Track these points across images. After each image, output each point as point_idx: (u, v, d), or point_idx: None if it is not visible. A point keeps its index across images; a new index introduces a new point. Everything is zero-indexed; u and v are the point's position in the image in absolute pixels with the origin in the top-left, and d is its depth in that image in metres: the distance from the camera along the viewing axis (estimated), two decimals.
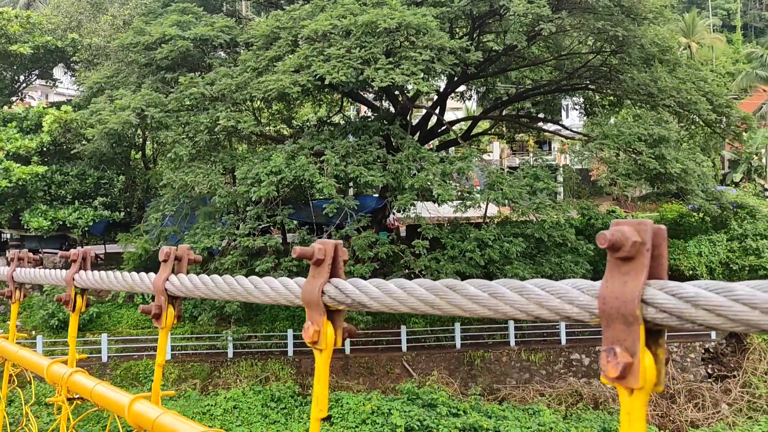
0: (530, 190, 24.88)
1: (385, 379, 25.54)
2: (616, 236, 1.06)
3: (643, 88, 27.61)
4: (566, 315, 1.14)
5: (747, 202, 33.13)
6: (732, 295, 0.95)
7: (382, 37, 21.66)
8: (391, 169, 22.81)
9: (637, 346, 1.03)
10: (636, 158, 26.60)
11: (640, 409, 1.04)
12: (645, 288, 1.04)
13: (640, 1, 25.93)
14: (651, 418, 25.23)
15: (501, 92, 35.56)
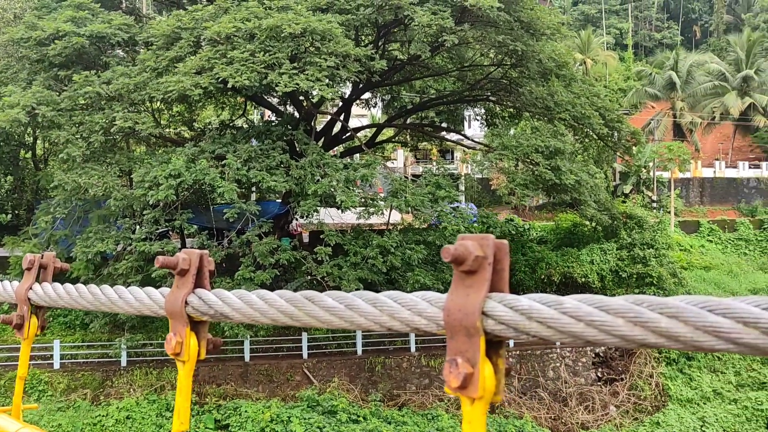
0: (432, 198, 25.23)
1: (285, 386, 25.30)
2: (460, 250, 1.09)
3: (541, 102, 28.54)
4: (416, 326, 1.17)
5: (635, 213, 34.79)
6: (560, 308, 1.00)
7: (287, 41, 21.53)
8: (295, 175, 22.68)
9: (478, 357, 1.06)
10: (533, 169, 27.46)
11: (480, 418, 1.08)
12: (486, 301, 1.07)
13: (539, 18, 26.84)
14: (545, 421, 26.07)
15: (405, 101, 36.01)
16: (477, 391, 1.06)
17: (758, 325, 0.82)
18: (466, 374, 1.05)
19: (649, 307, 0.92)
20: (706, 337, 0.86)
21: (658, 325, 0.90)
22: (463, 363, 1.06)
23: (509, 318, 1.05)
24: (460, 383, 1.06)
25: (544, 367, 28.36)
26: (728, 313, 0.85)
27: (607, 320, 0.95)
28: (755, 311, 0.83)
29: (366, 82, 27.75)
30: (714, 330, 0.86)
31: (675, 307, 0.89)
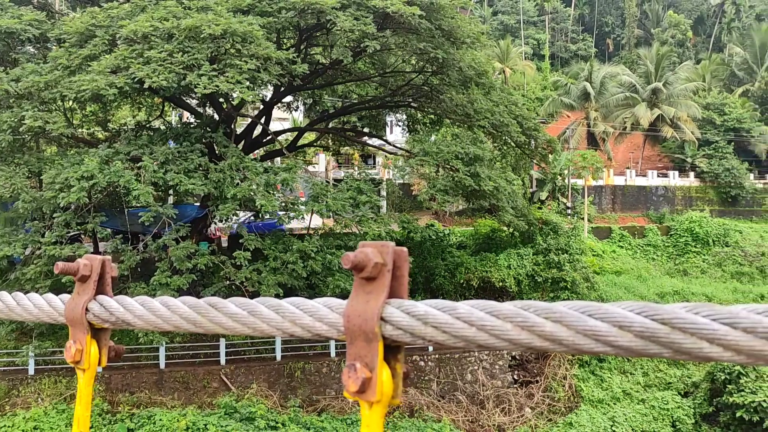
0: (353, 202, 25.28)
1: (201, 393, 24.82)
2: (360, 257, 1.11)
3: (461, 109, 29.04)
4: (317, 332, 1.18)
5: (551, 219, 35.78)
6: (454, 314, 1.03)
7: (206, 43, 21.19)
8: (213, 178, 22.31)
9: (376, 361, 1.08)
10: (453, 175, 27.85)
11: (377, 422, 1.10)
12: (385, 306, 1.10)
13: (459, 27, 27.30)
14: (463, 423, 26.45)
15: (328, 105, 35.99)
16: (375, 395, 1.08)
17: (632, 328, 0.87)
18: (364, 379, 1.07)
19: (536, 312, 0.96)
20: (586, 341, 0.91)
21: (543, 329, 0.94)
22: (362, 368, 1.08)
23: (406, 323, 1.07)
24: (359, 387, 1.08)
25: (462, 370, 28.78)
26: (606, 318, 0.90)
27: (497, 325, 0.99)
28: (630, 315, 0.88)
29: (288, 85, 27.60)
30: (593, 333, 0.90)
31: (559, 312, 0.94)
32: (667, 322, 0.85)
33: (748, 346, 0.80)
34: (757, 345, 0.79)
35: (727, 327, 0.81)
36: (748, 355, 0.80)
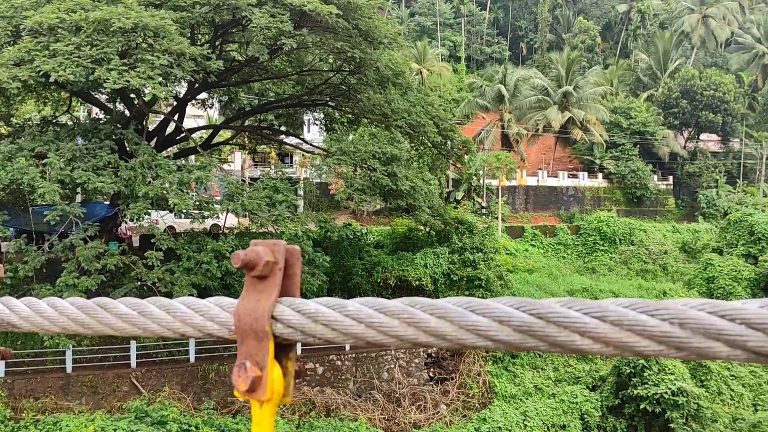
0: (270, 201, 25.03)
1: (111, 397, 24.07)
2: (250, 256, 1.10)
3: (379, 108, 29.19)
4: (208, 332, 1.16)
5: (466, 219, 36.42)
6: (344, 311, 1.04)
7: (116, 36, 20.57)
8: (124, 176, 21.67)
9: (266, 360, 1.08)
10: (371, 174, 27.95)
11: (268, 420, 1.10)
12: (276, 305, 1.10)
13: (377, 27, 27.42)
14: (379, 422, 26.59)
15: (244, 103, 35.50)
16: (265, 394, 1.08)
17: (510, 323, 0.90)
18: (254, 378, 1.07)
19: (421, 309, 0.98)
20: (469, 335, 0.93)
21: (428, 325, 0.96)
22: (252, 366, 1.07)
23: (297, 321, 1.07)
24: (248, 387, 1.07)
25: (379, 369, 28.94)
26: (487, 313, 0.92)
27: (384, 321, 1.00)
28: (509, 310, 0.91)
29: (202, 82, 27.10)
30: (475, 328, 0.93)
31: (443, 308, 0.96)
32: (543, 316, 0.88)
33: (616, 338, 0.83)
34: (623, 337, 0.83)
35: (597, 320, 0.85)
36: (616, 346, 0.84)
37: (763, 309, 0.77)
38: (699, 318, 0.80)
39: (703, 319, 0.79)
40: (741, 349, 0.78)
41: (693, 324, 0.80)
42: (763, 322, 0.77)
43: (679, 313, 0.81)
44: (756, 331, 0.77)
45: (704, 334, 0.79)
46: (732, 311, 0.79)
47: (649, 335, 0.82)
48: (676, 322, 0.81)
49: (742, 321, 0.78)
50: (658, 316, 0.82)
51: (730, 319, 0.78)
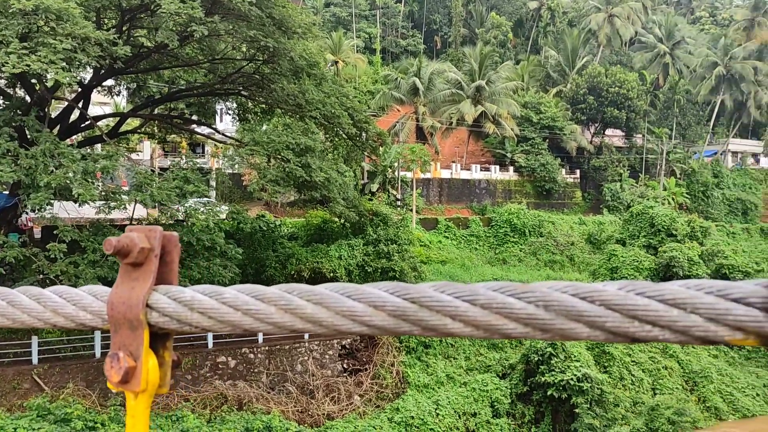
0: (180, 192, 24.48)
1: (11, 395, 23.04)
2: (124, 242, 1.06)
3: (293, 99, 28.92)
4: (81, 322, 1.12)
5: (381, 211, 36.60)
6: (220, 299, 1.01)
7: (16, 18, 19.61)
8: (24, 165, 20.72)
9: (141, 350, 1.04)
10: (285, 165, 27.70)
11: (143, 412, 1.06)
12: (151, 293, 1.06)
13: (291, 16, 27.15)
14: (292, 414, 26.46)
15: (153, 90, 34.50)
16: (140, 385, 1.04)
17: (385, 308, 0.90)
18: (127, 368, 1.03)
19: (298, 295, 0.96)
20: (345, 321, 0.93)
21: (305, 311, 0.95)
22: (125, 357, 1.04)
23: (172, 310, 1.04)
24: (121, 378, 1.03)
25: (292, 361, 28.79)
26: (362, 298, 0.92)
27: (261, 308, 0.98)
28: (384, 295, 0.91)
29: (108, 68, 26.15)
30: (351, 314, 0.92)
31: (320, 294, 0.95)
32: (417, 300, 0.88)
33: (485, 321, 0.84)
34: (492, 320, 0.84)
35: (468, 304, 0.86)
36: (485, 329, 0.85)
37: (621, 291, 0.80)
38: (562, 300, 0.81)
39: (566, 301, 0.81)
40: (600, 330, 0.80)
41: (557, 306, 0.81)
42: (620, 303, 0.79)
43: (544, 296, 0.82)
44: (614, 312, 0.79)
45: (567, 315, 0.81)
46: (592, 293, 0.81)
47: (516, 318, 0.83)
48: (541, 305, 0.82)
49: (602, 303, 0.80)
50: (524, 299, 0.83)
51: (590, 301, 0.81)
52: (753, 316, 0.73)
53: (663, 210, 50.02)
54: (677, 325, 0.76)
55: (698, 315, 0.75)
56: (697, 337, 0.76)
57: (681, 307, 0.76)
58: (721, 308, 0.74)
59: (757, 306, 0.73)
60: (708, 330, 0.75)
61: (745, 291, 0.74)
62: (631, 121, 68.43)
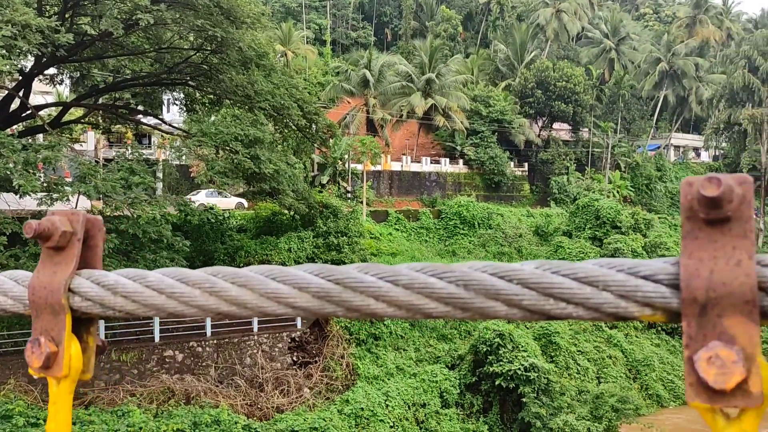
0: (125, 184, 24.03)
1: None
2: (45, 225, 1.04)
3: (241, 90, 28.60)
4: (2, 308, 1.09)
5: (331, 203, 36.52)
6: (144, 282, 1.00)
7: None
8: None
9: (63, 335, 1.03)
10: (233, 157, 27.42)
11: (66, 398, 1.04)
12: (74, 277, 1.04)
13: (239, 5, 26.81)
14: (241, 407, 26.28)
15: (97, 79, 33.76)
16: (62, 370, 1.02)
17: (309, 289, 0.90)
18: (48, 353, 1.01)
19: (223, 277, 0.96)
20: (269, 303, 0.92)
21: (229, 293, 0.95)
22: (47, 342, 1.02)
23: (95, 294, 1.03)
24: (42, 363, 1.01)
25: (241, 354, 28.58)
26: (287, 280, 0.92)
27: (185, 292, 0.97)
28: (308, 277, 0.91)
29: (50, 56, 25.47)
30: (275, 296, 0.92)
31: (244, 276, 0.95)
32: (340, 281, 0.89)
33: (407, 301, 0.85)
34: (413, 299, 0.85)
35: (390, 284, 0.87)
36: (408, 309, 0.86)
37: (538, 270, 0.81)
38: (481, 279, 0.83)
39: (485, 280, 0.83)
40: (517, 308, 0.82)
41: (476, 285, 0.83)
42: (536, 282, 0.81)
43: (464, 276, 0.84)
44: (530, 291, 0.81)
45: (486, 294, 0.82)
46: (510, 272, 0.82)
47: (437, 297, 0.84)
48: (461, 284, 0.83)
49: (519, 281, 0.81)
50: (445, 279, 0.85)
51: (508, 280, 0.82)
52: (660, 293, 0.76)
53: (608, 203, 51.07)
54: (590, 303, 0.78)
55: (610, 292, 0.77)
56: (609, 314, 0.78)
57: (594, 285, 0.78)
58: (630, 285, 0.77)
59: (664, 283, 0.76)
60: (619, 306, 0.77)
61: (654, 268, 0.77)
62: (578, 115, 69.60)
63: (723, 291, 0.71)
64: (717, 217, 0.73)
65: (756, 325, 0.70)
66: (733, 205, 0.73)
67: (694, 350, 0.72)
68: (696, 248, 0.74)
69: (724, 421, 0.72)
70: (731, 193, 0.72)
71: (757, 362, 0.70)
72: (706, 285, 0.72)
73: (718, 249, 0.73)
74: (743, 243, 0.73)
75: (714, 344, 0.71)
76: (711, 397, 0.71)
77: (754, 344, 0.70)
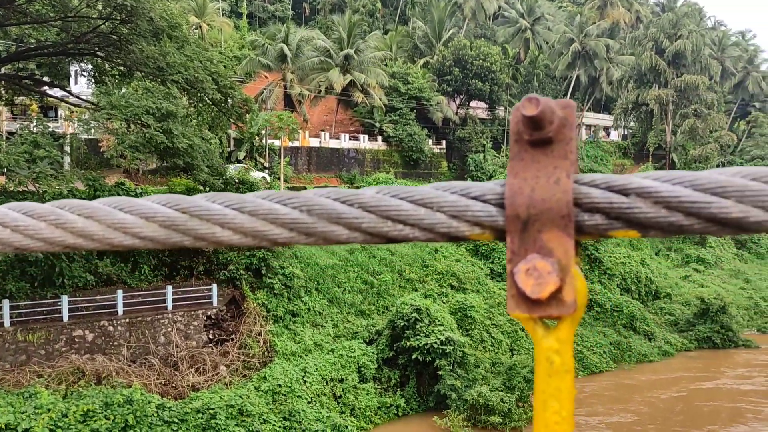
0: (30, 158, 23.09)
1: None
2: None
3: (153, 62, 27.80)
4: None
5: (248, 179, 36.04)
6: None
7: None
8: None
9: None
10: (145, 131, 26.71)
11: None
12: None
13: None
14: (155, 386, 25.84)
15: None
16: None
17: (156, 219, 0.89)
18: None
19: (69, 210, 0.94)
20: (116, 234, 0.91)
21: (75, 225, 0.93)
22: None
23: None
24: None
25: (155, 333, 28.03)
26: (133, 211, 0.91)
27: (30, 224, 0.95)
28: (155, 207, 0.90)
29: None
30: (122, 226, 0.91)
31: (91, 207, 0.93)
32: (187, 210, 0.89)
33: (252, 228, 0.86)
34: (258, 226, 0.86)
35: (236, 212, 0.87)
36: (254, 236, 0.86)
37: (378, 194, 0.83)
38: (324, 204, 0.84)
39: (327, 205, 0.84)
40: (358, 231, 0.83)
41: (318, 210, 0.84)
42: (376, 205, 0.82)
43: (307, 201, 0.85)
44: (370, 214, 0.83)
45: (328, 219, 0.84)
46: (352, 197, 0.84)
47: (282, 223, 0.85)
48: (304, 210, 0.85)
49: (360, 205, 0.83)
50: (290, 205, 0.85)
51: (349, 204, 0.84)
52: (488, 212, 0.79)
53: None
54: (424, 223, 0.81)
55: (443, 213, 0.80)
56: (443, 234, 0.80)
57: (428, 207, 0.81)
58: (461, 205, 0.79)
59: (492, 202, 0.79)
60: (451, 226, 0.80)
61: (483, 189, 0.80)
62: (494, 94, 70.70)
63: (542, 207, 0.75)
64: (539, 138, 0.77)
65: (571, 238, 0.74)
66: (554, 126, 0.76)
67: (515, 264, 0.75)
68: (521, 169, 0.77)
69: (543, 331, 0.76)
70: (552, 114, 0.76)
71: (571, 273, 0.74)
72: (527, 202, 0.75)
73: (540, 169, 0.77)
74: (563, 163, 0.76)
75: (532, 257, 0.74)
76: (530, 307, 0.75)
77: (569, 256, 0.74)
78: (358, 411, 29.62)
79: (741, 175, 0.71)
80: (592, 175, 0.77)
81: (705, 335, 45.52)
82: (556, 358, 0.75)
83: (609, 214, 0.75)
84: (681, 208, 0.72)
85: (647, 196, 0.73)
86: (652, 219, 0.73)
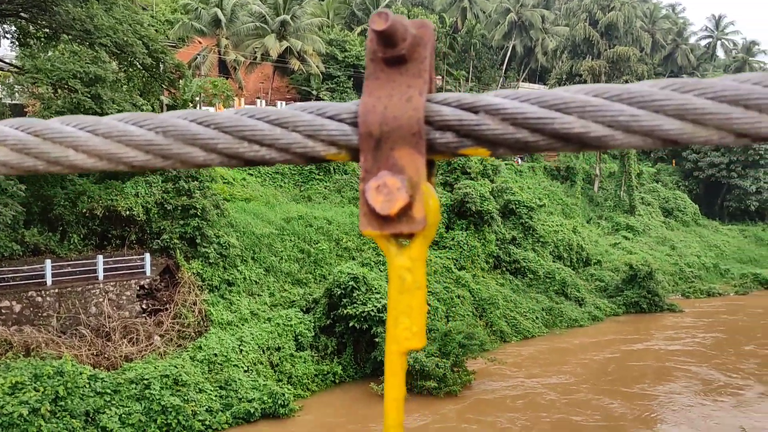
0: None
1: None
2: None
3: (79, 24, 26.86)
4: None
5: None
6: None
7: None
8: None
9: None
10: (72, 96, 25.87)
11: None
12: None
13: None
14: (86, 358, 25.33)
15: None
16: None
17: (6, 142, 0.86)
18: None
19: None
20: None
21: None
22: None
23: None
24: None
25: (86, 303, 27.42)
26: None
27: None
28: (6, 130, 0.86)
29: None
30: None
31: None
32: (39, 134, 0.85)
33: (106, 150, 0.83)
34: (112, 148, 0.83)
35: (90, 134, 0.84)
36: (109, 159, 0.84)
37: (235, 115, 0.82)
38: (179, 125, 0.82)
39: (183, 126, 0.82)
40: (214, 153, 0.82)
41: (174, 131, 0.82)
42: (232, 125, 0.81)
43: (163, 122, 0.83)
44: (226, 135, 0.81)
45: (183, 140, 0.82)
46: (207, 118, 0.82)
47: (136, 145, 0.83)
48: (160, 131, 0.82)
49: (216, 126, 0.81)
50: (145, 127, 0.83)
51: (205, 125, 0.82)
52: (342, 131, 0.78)
53: None
54: (280, 143, 0.79)
55: (299, 133, 0.79)
56: (299, 154, 0.79)
57: (284, 127, 0.79)
58: (317, 125, 0.78)
59: (347, 121, 0.78)
60: (307, 146, 0.79)
61: (339, 108, 0.79)
62: None
63: (394, 124, 0.74)
64: (393, 56, 0.76)
65: (422, 155, 0.74)
66: (407, 43, 0.76)
67: (367, 181, 0.75)
68: (376, 88, 0.77)
69: (396, 249, 0.76)
70: (405, 31, 0.75)
71: (421, 190, 0.74)
72: (380, 120, 0.75)
73: (395, 87, 0.76)
74: (417, 82, 0.76)
75: (383, 174, 0.74)
76: (381, 224, 0.75)
77: (419, 174, 0.74)
78: (295, 379, 29.70)
79: (584, 91, 0.72)
80: (445, 94, 0.77)
81: (633, 300, 47.09)
82: (408, 276, 0.76)
83: (459, 132, 0.75)
84: (526, 125, 0.73)
85: (495, 113, 0.74)
86: (499, 136, 0.74)
